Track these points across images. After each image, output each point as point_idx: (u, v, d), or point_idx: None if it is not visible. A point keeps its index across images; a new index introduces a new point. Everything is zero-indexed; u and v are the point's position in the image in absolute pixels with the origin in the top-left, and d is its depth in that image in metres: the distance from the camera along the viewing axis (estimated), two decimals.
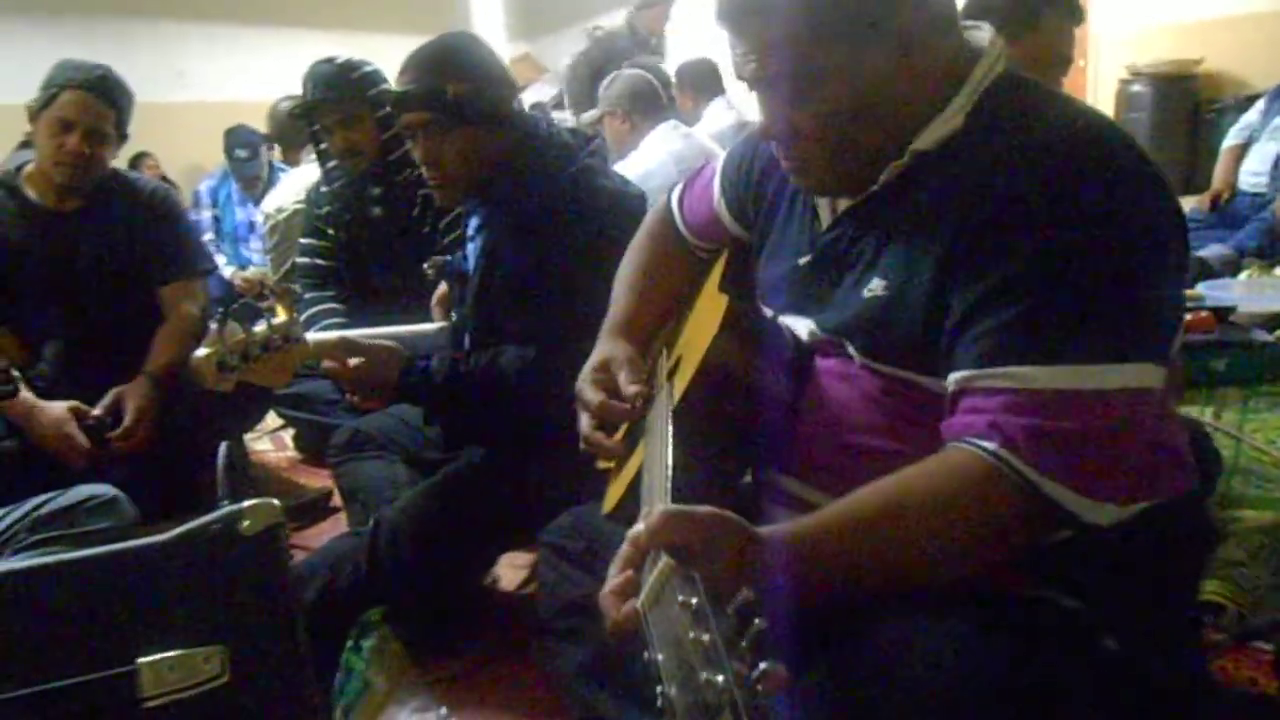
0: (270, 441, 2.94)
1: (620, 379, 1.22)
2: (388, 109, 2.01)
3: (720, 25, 0.97)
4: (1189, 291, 3.21)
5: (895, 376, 0.98)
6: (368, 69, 2.32)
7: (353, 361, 1.55)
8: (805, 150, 1.00)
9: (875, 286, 0.97)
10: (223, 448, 1.00)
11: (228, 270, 4.40)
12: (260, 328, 1.36)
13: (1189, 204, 4.57)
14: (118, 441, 2.09)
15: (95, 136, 2.19)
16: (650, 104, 3.24)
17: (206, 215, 4.65)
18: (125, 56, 6.66)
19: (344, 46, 2.75)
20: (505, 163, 1.67)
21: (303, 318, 2.46)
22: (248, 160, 4.44)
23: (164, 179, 6.64)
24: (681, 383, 1.12)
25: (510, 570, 1.93)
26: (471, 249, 1.80)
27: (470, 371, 1.61)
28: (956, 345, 0.88)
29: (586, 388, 1.24)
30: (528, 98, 9.09)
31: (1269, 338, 2.63)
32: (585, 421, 1.25)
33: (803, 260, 1.10)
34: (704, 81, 4.04)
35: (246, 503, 0.85)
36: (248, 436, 2.77)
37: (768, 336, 1.15)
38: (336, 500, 2.23)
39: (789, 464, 1.09)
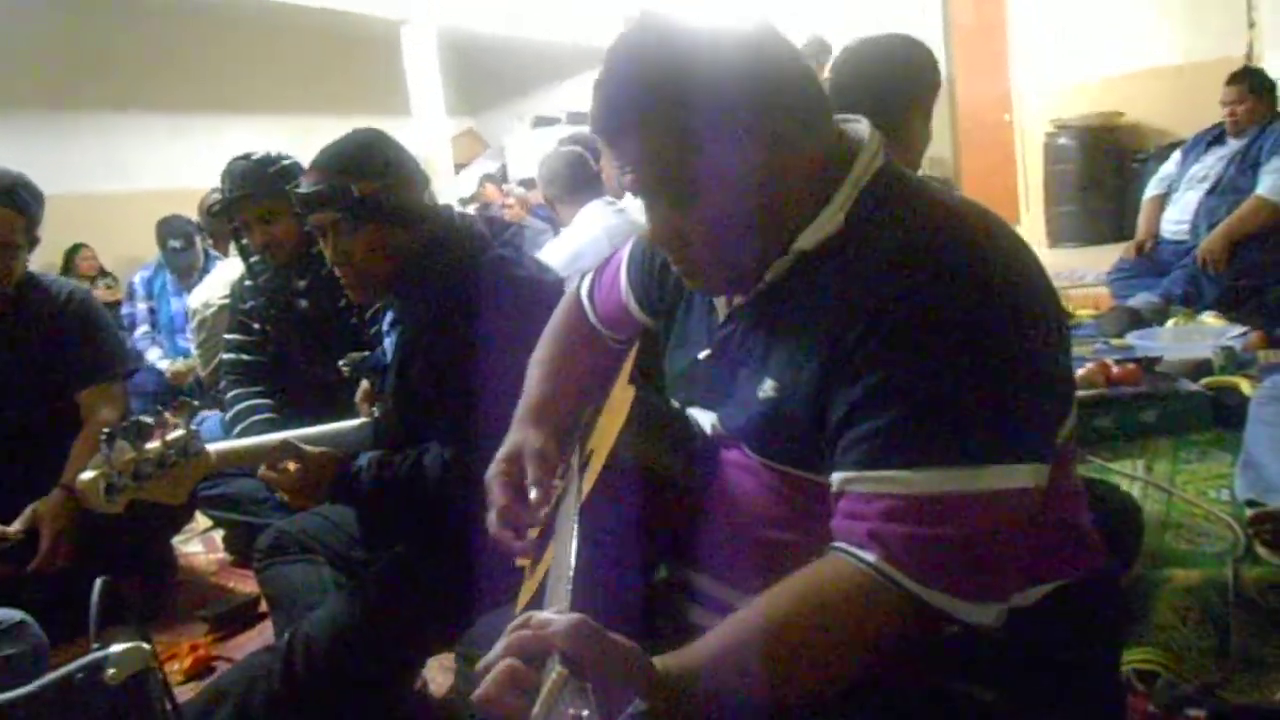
0: (200, 543, 2.85)
1: (529, 474, 1.19)
2: None
3: (595, 138, 0.98)
4: (1118, 341, 3.27)
5: (788, 474, 0.97)
6: (286, 162, 2.30)
7: (292, 466, 1.54)
8: (692, 254, 0.99)
9: (767, 388, 0.96)
10: (99, 582, 0.95)
11: (163, 363, 4.32)
12: (154, 444, 1.32)
13: (1118, 252, 4.68)
14: (38, 568, 2.02)
15: (5, 247, 2.17)
16: (568, 184, 3.24)
17: (141, 307, 4.59)
18: (63, 147, 6.66)
19: (284, 131, 2.73)
20: (417, 258, 1.66)
21: (229, 416, 2.41)
22: (182, 250, 4.39)
23: (101, 270, 6.58)
24: (590, 478, 1.10)
25: (441, 673, 1.86)
26: (388, 344, 1.78)
27: (397, 473, 1.58)
28: (838, 446, 0.88)
29: (494, 483, 1.21)
30: (471, 171, 9.17)
31: (1195, 387, 2.67)
32: (492, 517, 1.21)
33: (703, 354, 1.09)
34: None
35: (115, 648, 0.80)
36: (177, 539, 2.69)
37: (675, 429, 1.13)
38: (265, 606, 2.15)
39: (700, 559, 1.07)
